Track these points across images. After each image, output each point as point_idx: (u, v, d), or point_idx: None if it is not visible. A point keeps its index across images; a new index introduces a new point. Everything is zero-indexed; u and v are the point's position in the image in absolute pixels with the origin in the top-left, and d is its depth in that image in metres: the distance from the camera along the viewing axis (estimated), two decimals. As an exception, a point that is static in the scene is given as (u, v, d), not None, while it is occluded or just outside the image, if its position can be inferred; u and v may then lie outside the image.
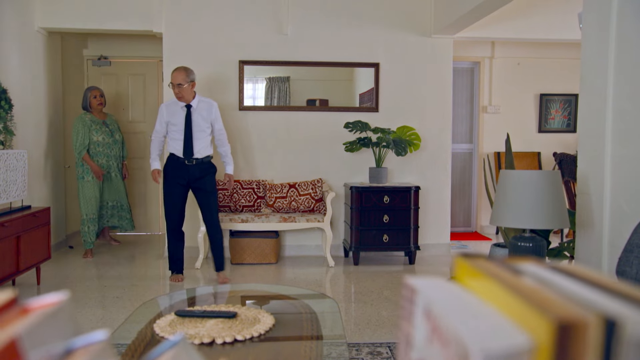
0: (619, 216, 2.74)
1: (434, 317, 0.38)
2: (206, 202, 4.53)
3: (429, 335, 0.38)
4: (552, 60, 6.97)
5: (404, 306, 0.44)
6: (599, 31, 2.86)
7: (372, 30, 5.64)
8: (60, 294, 0.44)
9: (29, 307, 0.43)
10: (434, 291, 0.41)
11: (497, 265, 0.42)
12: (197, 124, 4.45)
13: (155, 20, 5.40)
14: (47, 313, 0.40)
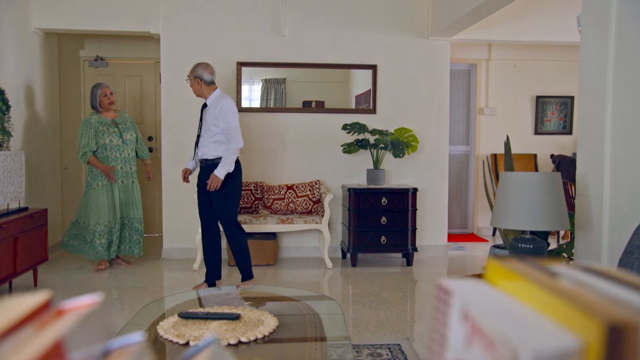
0: (619, 217, 2.75)
1: (472, 318, 0.38)
2: (216, 206, 4.31)
3: (467, 336, 0.38)
4: (548, 63, 7.00)
5: (437, 308, 0.44)
6: (598, 33, 2.88)
7: (369, 32, 5.65)
8: (93, 296, 0.44)
9: (63, 309, 0.43)
10: (469, 293, 0.41)
11: (530, 267, 0.43)
12: (205, 123, 4.30)
13: (152, 21, 5.39)
14: (85, 314, 0.40)
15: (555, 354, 0.29)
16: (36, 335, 0.38)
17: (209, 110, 4.28)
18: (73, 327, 0.38)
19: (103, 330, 0.42)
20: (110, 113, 5.15)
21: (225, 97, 4.30)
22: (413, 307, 4.25)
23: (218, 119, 4.20)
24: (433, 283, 4.91)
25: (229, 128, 4.21)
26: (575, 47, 6.52)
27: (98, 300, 0.43)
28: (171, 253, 5.51)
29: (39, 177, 5.48)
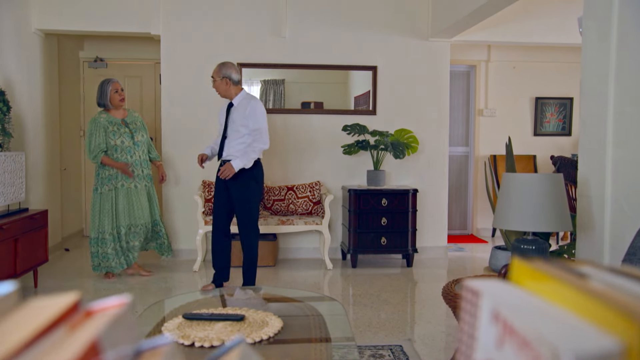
0: (620, 218, 2.76)
1: (503, 319, 0.38)
2: (237, 207, 4.23)
3: (498, 337, 0.38)
4: (547, 64, 7.02)
5: (465, 309, 0.44)
6: (600, 35, 2.88)
7: (369, 33, 5.65)
8: (121, 297, 0.44)
9: (92, 310, 0.43)
10: (499, 294, 0.41)
11: (556, 267, 0.43)
12: (233, 123, 4.19)
13: (152, 22, 5.39)
14: (116, 315, 0.40)
15: (596, 355, 0.30)
16: (70, 336, 0.38)
17: (236, 111, 4.20)
18: (106, 328, 0.38)
19: (132, 331, 0.42)
20: (119, 112, 4.77)
21: (255, 98, 4.27)
22: (414, 308, 4.25)
23: (248, 120, 4.14)
24: (433, 284, 4.92)
25: (258, 129, 4.15)
26: (574, 48, 6.54)
27: (126, 301, 0.44)
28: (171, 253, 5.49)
29: (38, 177, 5.47)
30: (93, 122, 4.66)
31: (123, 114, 4.77)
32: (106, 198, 4.66)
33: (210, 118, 5.47)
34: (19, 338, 0.35)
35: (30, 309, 0.41)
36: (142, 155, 4.78)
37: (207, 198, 5.25)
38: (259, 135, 4.16)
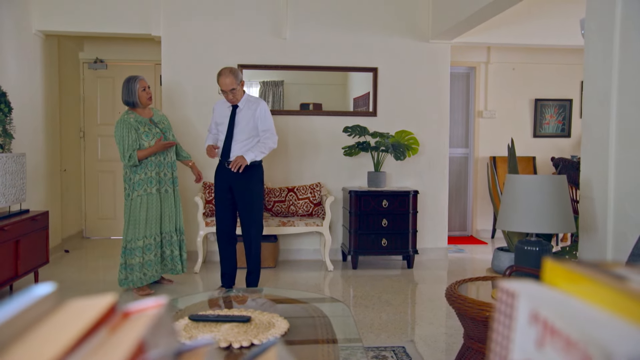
0: (624, 220, 2.77)
1: (544, 320, 0.38)
2: (242, 208, 4.19)
3: (539, 338, 0.39)
4: (546, 66, 7.03)
5: (499, 310, 0.44)
6: (602, 37, 2.89)
7: (370, 35, 5.66)
8: (159, 298, 0.44)
9: (129, 311, 0.43)
10: (536, 294, 0.41)
11: (591, 269, 0.43)
12: (240, 125, 4.16)
13: (153, 23, 5.39)
14: (157, 316, 0.40)
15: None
16: (112, 338, 0.39)
17: (242, 112, 4.18)
18: (150, 329, 0.38)
19: (172, 331, 0.42)
20: (146, 111, 4.38)
21: (261, 99, 4.30)
22: (415, 310, 4.25)
23: (258, 121, 4.15)
24: (434, 286, 4.92)
25: (269, 129, 4.18)
26: (573, 50, 6.57)
27: (164, 302, 0.44)
28: (172, 255, 5.48)
29: (39, 179, 5.47)
30: (122, 123, 4.22)
31: (149, 114, 4.40)
32: (137, 204, 4.22)
33: (210, 118, 5.47)
34: (64, 341, 0.35)
35: (70, 311, 0.41)
36: (172, 157, 4.45)
37: (208, 199, 5.25)
38: (271, 135, 4.18)
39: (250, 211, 4.19)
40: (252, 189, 4.17)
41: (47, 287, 0.42)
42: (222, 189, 4.24)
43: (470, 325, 2.64)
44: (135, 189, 4.23)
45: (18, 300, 0.39)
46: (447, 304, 4.18)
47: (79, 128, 6.74)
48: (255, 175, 4.19)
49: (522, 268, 2.39)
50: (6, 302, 0.39)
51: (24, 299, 0.39)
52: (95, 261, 5.79)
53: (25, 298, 0.39)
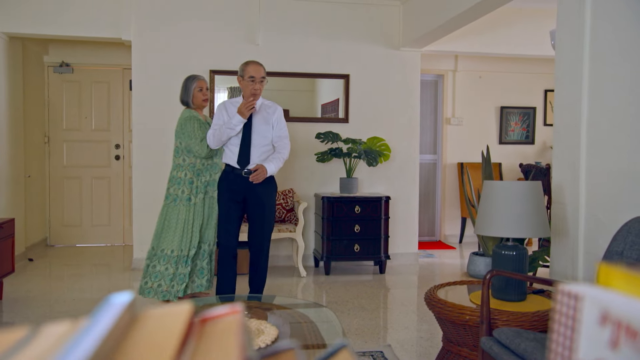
0: (594, 225, 2.87)
1: (617, 320, 0.41)
2: (257, 220, 3.84)
3: (612, 339, 0.41)
4: (511, 74, 7.22)
5: (560, 312, 0.46)
6: (573, 48, 3.00)
7: (342, 42, 5.71)
8: (234, 305, 0.45)
9: (206, 318, 0.44)
10: (601, 297, 0.44)
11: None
12: (258, 129, 3.81)
13: (123, 27, 5.31)
14: (242, 323, 0.41)
15: None
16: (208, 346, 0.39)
17: (259, 115, 3.84)
18: (247, 338, 0.38)
19: (250, 337, 0.43)
20: (201, 114, 4.13)
21: (276, 104, 3.98)
22: (390, 314, 4.29)
23: (276, 126, 3.87)
24: (407, 290, 4.98)
25: (285, 136, 3.92)
26: (537, 60, 6.78)
27: (240, 309, 0.44)
28: (142, 263, 5.38)
29: (2, 185, 5.30)
30: (191, 119, 3.94)
31: (204, 118, 4.12)
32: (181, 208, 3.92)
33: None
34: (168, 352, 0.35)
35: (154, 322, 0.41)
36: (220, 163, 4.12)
37: (180, 206, 5.18)
38: (286, 143, 3.92)
39: (264, 225, 3.86)
40: (270, 202, 3.86)
41: (126, 297, 0.42)
42: (232, 200, 3.83)
43: (449, 328, 2.69)
44: (200, 191, 3.97)
45: (106, 312, 0.39)
46: (420, 309, 4.24)
47: (44, 133, 6.57)
48: (273, 187, 3.90)
49: (502, 272, 2.45)
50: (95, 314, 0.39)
51: (112, 312, 0.39)
52: (61, 270, 5.64)
53: (112, 310, 0.39)
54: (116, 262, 5.88)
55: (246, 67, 3.78)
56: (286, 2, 5.60)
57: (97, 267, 5.67)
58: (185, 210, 3.91)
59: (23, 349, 0.34)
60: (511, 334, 2.19)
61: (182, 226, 3.89)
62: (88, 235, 6.70)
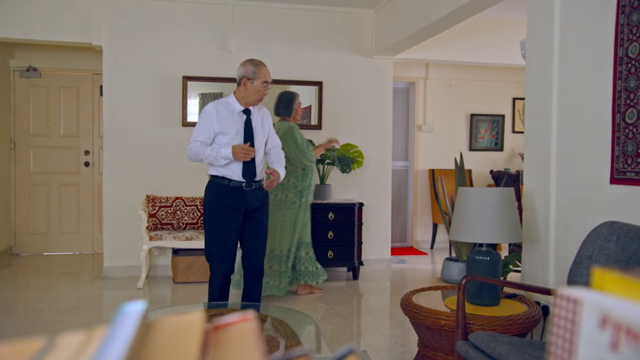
0: (564, 230, 2.94)
1: (617, 323, 0.43)
2: (255, 237, 3.45)
3: (613, 341, 0.43)
4: (481, 83, 7.36)
5: (559, 315, 0.48)
6: (542, 58, 3.08)
7: (315, 49, 5.74)
8: (245, 313, 0.45)
9: (218, 325, 0.44)
10: (600, 300, 0.46)
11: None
12: (258, 135, 3.42)
13: (94, 32, 5.23)
14: (257, 330, 0.41)
15: None
16: (223, 352, 0.39)
17: (254, 119, 3.43)
18: (260, 345, 0.39)
19: (262, 343, 0.43)
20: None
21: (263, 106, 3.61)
22: (364, 320, 4.31)
23: (270, 134, 3.54)
24: (380, 296, 5.01)
25: (279, 144, 3.63)
26: (506, 68, 6.93)
27: (251, 316, 0.45)
28: (112, 271, 5.31)
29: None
30: (295, 128, 4.49)
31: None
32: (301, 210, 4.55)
33: (154, 130, 5.37)
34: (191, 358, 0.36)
35: (169, 329, 0.41)
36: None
37: (151, 213, 5.12)
38: (281, 151, 3.64)
39: (264, 238, 3.52)
40: (267, 213, 3.54)
41: (139, 306, 0.42)
42: (232, 218, 3.35)
43: (425, 333, 2.72)
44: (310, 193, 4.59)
45: (123, 321, 0.39)
46: (394, 314, 4.27)
47: (10, 139, 6.42)
48: (268, 200, 3.55)
49: (477, 277, 2.49)
50: (113, 324, 0.39)
51: (130, 321, 0.39)
52: (27, 279, 5.51)
53: (129, 320, 0.39)
54: (85, 270, 5.76)
55: (258, 69, 3.37)
56: (259, 9, 5.61)
57: (65, 276, 5.55)
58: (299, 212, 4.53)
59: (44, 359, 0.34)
60: (487, 338, 2.23)
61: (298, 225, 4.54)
62: (56, 243, 6.55)
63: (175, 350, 0.37)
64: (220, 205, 3.36)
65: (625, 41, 2.57)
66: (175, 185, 5.38)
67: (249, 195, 3.36)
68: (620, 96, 2.58)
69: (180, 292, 4.87)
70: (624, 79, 2.57)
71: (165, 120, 5.41)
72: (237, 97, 3.41)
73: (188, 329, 0.40)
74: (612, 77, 2.63)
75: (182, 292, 4.86)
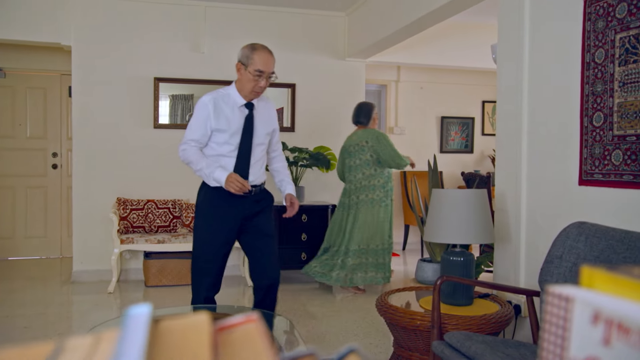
0: (535, 230, 3.01)
1: (608, 319, 0.44)
2: (262, 248, 2.99)
3: (605, 337, 0.45)
4: (451, 86, 7.47)
5: (551, 313, 0.50)
6: (513, 61, 3.15)
7: (289, 51, 5.74)
8: (250, 314, 0.45)
9: (223, 326, 0.45)
10: (591, 298, 0.47)
11: (633, 273, 0.50)
12: (258, 134, 2.96)
13: (63, 32, 5.13)
14: (264, 331, 0.42)
15: None
16: (231, 353, 0.40)
17: (258, 114, 2.98)
18: (269, 346, 0.40)
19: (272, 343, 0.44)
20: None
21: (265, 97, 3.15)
22: (339, 321, 4.32)
23: (274, 130, 3.12)
24: (354, 297, 5.03)
25: (280, 141, 3.26)
26: (476, 71, 7.04)
27: (256, 317, 0.45)
28: (82, 276, 5.21)
29: None
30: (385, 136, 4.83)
31: None
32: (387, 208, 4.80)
33: (125, 131, 5.29)
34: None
35: (177, 331, 0.41)
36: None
37: (122, 216, 5.05)
38: (280, 147, 3.28)
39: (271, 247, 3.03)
40: (271, 221, 3.09)
41: (145, 309, 0.42)
42: (225, 228, 2.93)
43: (401, 334, 2.75)
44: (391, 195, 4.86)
45: (132, 324, 0.39)
46: (368, 315, 4.29)
47: (-26, 141, 6.25)
48: (271, 204, 3.14)
49: (452, 278, 2.53)
50: (123, 327, 0.39)
51: (139, 324, 0.39)
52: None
53: (139, 323, 0.39)
54: (53, 275, 5.64)
55: (253, 54, 2.84)
56: (232, 11, 5.58)
57: (32, 281, 5.42)
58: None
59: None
60: (462, 337, 2.27)
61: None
62: (21, 247, 6.39)
63: (188, 351, 0.37)
64: (211, 214, 2.92)
65: (591, 47, 2.65)
66: (147, 188, 5.32)
67: (246, 202, 2.94)
68: (588, 100, 2.66)
69: (153, 295, 4.80)
70: (591, 83, 2.65)
71: (136, 122, 5.35)
72: (237, 88, 2.93)
73: (197, 331, 0.40)
74: (579, 82, 2.70)
75: (155, 295, 4.80)
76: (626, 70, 2.47)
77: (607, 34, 2.57)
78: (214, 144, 2.90)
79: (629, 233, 2.21)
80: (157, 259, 5.04)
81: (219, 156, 2.91)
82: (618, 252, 2.24)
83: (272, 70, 2.88)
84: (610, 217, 2.47)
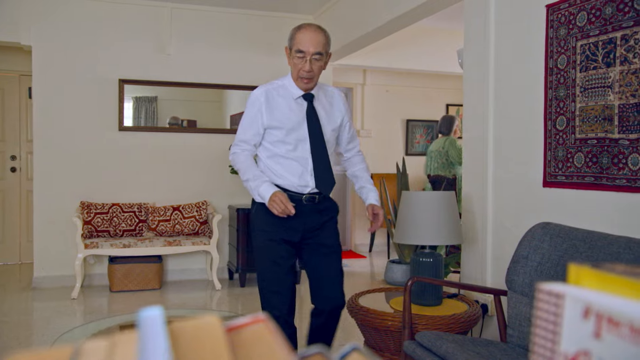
0: (501, 231, 3.09)
1: (598, 314, 0.47)
2: (325, 266, 2.56)
3: (595, 330, 0.47)
4: (416, 89, 7.58)
5: (542, 309, 0.53)
6: (479, 66, 3.22)
7: (254, 53, 5.72)
8: (258, 315, 0.46)
9: (232, 327, 0.45)
10: (581, 294, 0.50)
11: (618, 270, 0.53)
12: (325, 132, 2.53)
13: (22, 31, 5.00)
14: (274, 331, 0.43)
15: None
16: (245, 353, 0.40)
17: (320, 106, 2.54)
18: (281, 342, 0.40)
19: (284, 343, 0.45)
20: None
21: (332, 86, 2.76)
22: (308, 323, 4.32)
23: (344, 123, 2.66)
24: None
25: (355, 135, 2.77)
26: (440, 75, 7.17)
27: (265, 318, 0.46)
28: (43, 282, 5.08)
29: None
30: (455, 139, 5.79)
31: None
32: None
33: (88, 134, 5.18)
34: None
35: (191, 333, 0.42)
36: None
37: (86, 220, 4.95)
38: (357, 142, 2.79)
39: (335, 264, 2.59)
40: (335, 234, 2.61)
41: (157, 310, 0.43)
42: (287, 244, 2.49)
43: (372, 334, 2.78)
44: None
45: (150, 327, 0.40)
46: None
47: None
48: (336, 215, 2.62)
49: (422, 278, 2.57)
50: (140, 330, 0.39)
51: (156, 326, 0.40)
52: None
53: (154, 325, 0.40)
54: (12, 282, 5.47)
55: (296, 34, 2.45)
56: (198, 13, 5.54)
57: (-9, 287, 5.25)
58: None
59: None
60: (432, 337, 2.31)
61: None
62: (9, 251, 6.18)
63: (206, 351, 0.38)
64: (269, 228, 2.46)
65: (554, 53, 2.74)
66: (112, 191, 5.22)
67: (310, 212, 2.49)
68: (551, 104, 2.74)
69: (118, 301, 4.72)
70: (554, 88, 2.74)
71: (100, 124, 5.25)
72: (292, 77, 2.50)
73: (210, 332, 0.41)
74: (543, 86, 2.79)
75: (120, 300, 4.72)
76: (587, 76, 2.57)
77: (569, 41, 2.66)
78: (267, 143, 2.47)
79: (590, 233, 2.29)
80: (122, 264, 4.95)
81: (281, 159, 2.46)
82: (581, 252, 2.32)
83: (318, 51, 2.40)
84: (573, 218, 2.56)
